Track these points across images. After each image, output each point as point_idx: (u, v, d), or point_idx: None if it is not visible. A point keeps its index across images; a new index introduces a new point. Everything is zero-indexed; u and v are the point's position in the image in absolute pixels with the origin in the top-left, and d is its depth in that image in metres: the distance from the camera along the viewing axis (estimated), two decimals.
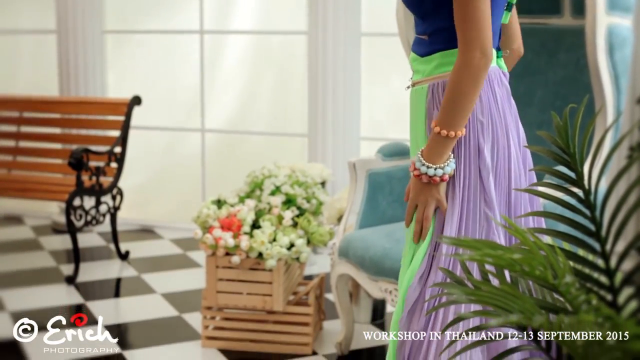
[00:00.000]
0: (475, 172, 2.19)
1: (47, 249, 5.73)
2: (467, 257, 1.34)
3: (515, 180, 2.23)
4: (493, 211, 2.17)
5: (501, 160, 2.21)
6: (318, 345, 4.07)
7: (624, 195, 1.49)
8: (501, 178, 2.22)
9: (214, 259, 3.94)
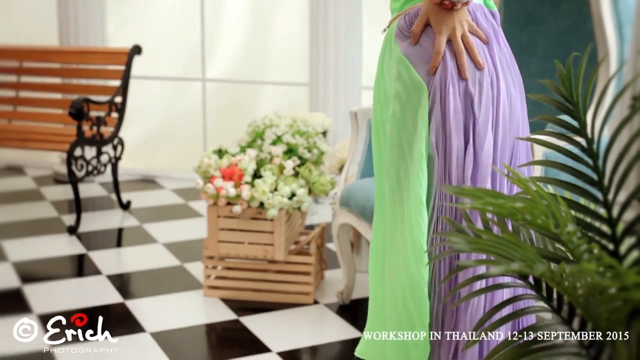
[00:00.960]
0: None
1: (49, 199, 5.74)
2: (469, 206, 1.33)
3: (503, 124, 2.18)
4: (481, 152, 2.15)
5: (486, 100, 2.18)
6: (319, 294, 4.09)
7: (626, 145, 1.48)
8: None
9: (216, 209, 3.94)
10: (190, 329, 3.75)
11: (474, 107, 2.13)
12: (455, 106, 2.15)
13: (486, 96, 2.14)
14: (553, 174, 3.00)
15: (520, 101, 2.25)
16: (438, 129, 2.16)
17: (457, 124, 2.15)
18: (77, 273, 4.49)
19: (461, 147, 2.15)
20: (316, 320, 3.83)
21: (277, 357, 3.47)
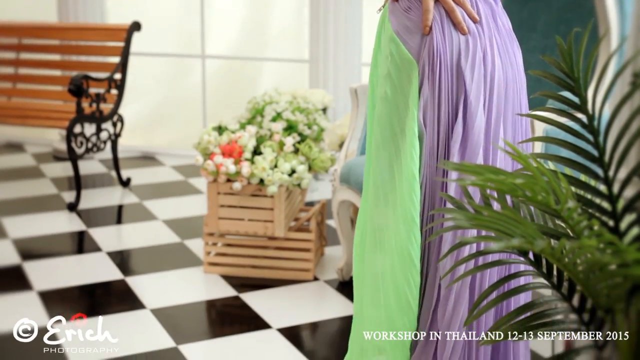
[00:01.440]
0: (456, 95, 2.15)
1: (49, 176, 5.73)
2: (470, 183, 1.33)
3: (497, 102, 2.16)
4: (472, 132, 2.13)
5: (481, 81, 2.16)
6: (319, 271, 4.09)
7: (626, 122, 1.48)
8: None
9: (215, 186, 3.94)
10: (190, 305, 3.75)
11: (465, 81, 2.12)
12: (445, 80, 2.13)
13: (478, 71, 2.12)
14: (554, 150, 2.99)
15: (519, 85, 2.22)
16: (427, 104, 2.15)
17: (446, 98, 2.14)
18: (77, 250, 4.49)
19: (450, 122, 2.14)
20: (316, 297, 3.84)
21: (277, 333, 3.47)
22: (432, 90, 2.14)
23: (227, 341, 3.44)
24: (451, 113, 2.14)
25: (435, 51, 2.14)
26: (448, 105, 2.14)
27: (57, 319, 2.59)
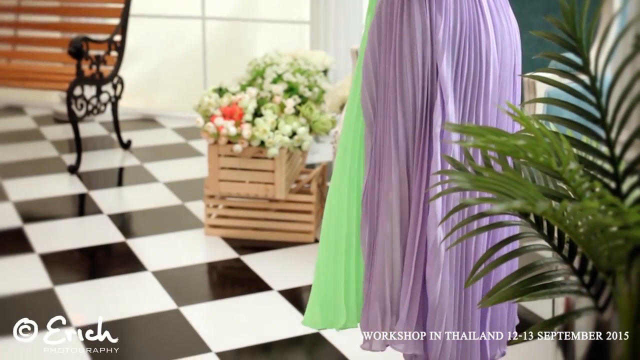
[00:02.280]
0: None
1: (49, 139, 5.72)
2: (471, 144, 1.32)
3: (494, 73, 2.12)
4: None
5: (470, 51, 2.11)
6: (320, 233, 4.09)
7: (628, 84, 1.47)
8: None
9: (216, 148, 3.93)
10: (191, 267, 3.76)
11: (433, 36, 2.07)
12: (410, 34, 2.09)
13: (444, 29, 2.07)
14: (555, 112, 2.98)
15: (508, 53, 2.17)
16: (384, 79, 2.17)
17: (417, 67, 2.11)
18: (78, 212, 4.50)
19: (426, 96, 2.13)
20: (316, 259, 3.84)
21: (278, 295, 3.48)
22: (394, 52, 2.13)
23: (228, 303, 3.45)
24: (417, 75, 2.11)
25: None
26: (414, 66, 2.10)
27: (57, 319, 2.60)
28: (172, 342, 3.15)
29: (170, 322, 3.29)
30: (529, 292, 1.54)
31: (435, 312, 2.11)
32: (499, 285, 1.56)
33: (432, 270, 2.08)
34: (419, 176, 2.11)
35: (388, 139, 2.15)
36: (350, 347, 3.08)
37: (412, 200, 2.14)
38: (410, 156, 2.13)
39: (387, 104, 2.14)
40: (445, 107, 2.04)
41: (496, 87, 2.10)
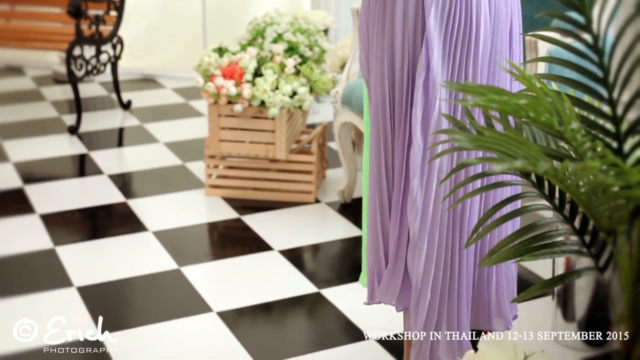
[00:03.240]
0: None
1: (49, 100, 5.70)
2: (472, 103, 1.31)
3: (485, 31, 2.09)
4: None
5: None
6: (321, 193, 4.09)
7: (630, 45, 1.45)
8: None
9: (216, 108, 3.92)
10: (192, 227, 3.77)
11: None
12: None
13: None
14: (557, 71, 2.96)
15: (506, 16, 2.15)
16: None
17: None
18: (78, 173, 4.50)
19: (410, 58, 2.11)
20: (318, 219, 3.85)
21: (279, 255, 3.49)
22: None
23: (229, 263, 3.46)
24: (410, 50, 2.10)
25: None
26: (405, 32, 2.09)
27: (57, 319, 2.61)
28: (173, 302, 3.16)
29: (171, 282, 3.30)
30: (530, 251, 1.54)
31: (415, 250, 2.12)
32: (500, 244, 1.56)
33: (411, 215, 2.10)
34: (402, 127, 2.12)
35: (376, 91, 2.15)
36: (350, 305, 3.09)
37: (395, 152, 2.15)
38: (395, 108, 2.13)
39: (376, 59, 2.14)
40: (430, 60, 2.04)
41: (487, 45, 2.09)
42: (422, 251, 2.12)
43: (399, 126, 2.13)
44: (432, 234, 2.12)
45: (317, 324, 3.09)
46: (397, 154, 2.15)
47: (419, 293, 2.14)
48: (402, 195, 2.14)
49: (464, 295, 2.19)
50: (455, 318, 2.19)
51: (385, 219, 2.20)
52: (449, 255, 2.15)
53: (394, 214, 2.17)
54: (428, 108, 2.06)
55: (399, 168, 2.14)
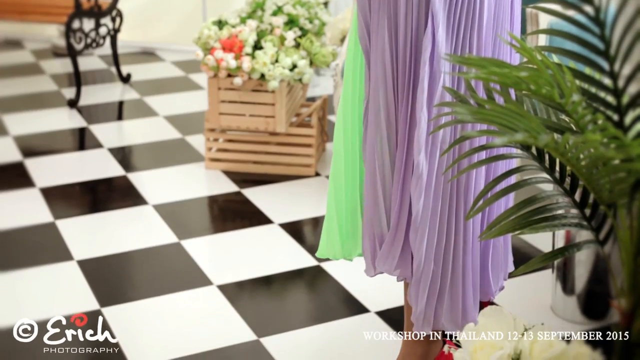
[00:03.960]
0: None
1: (48, 73, 5.69)
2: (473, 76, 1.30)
3: (489, 4, 2.08)
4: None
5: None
6: (321, 166, 4.09)
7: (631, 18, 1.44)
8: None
9: (216, 81, 3.91)
10: (192, 201, 3.77)
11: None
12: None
13: None
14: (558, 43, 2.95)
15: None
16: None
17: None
18: (78, 146, 4.49)
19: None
20: (317, 192, 3.84)
21: (279, 229, 3.49)
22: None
23: (229, 236, 3.46)
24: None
25: None
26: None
27: (57, 319, 2.61)
28: (173, 276, 3.17)
29: (171, 255, 3.31)
30: (530, 224, 1.53)
31: (417, 228, 2.11)
32: (500, 217, 1.56)
33: (415, 191, 2.09)
34: (405, 101, 2.11)
35: (377, 64, 2.14)
36: (350, 278, 3.10)
37: (398, 125, 2.14)
38: (398, 81, 2.12)
39: (378, 33, 2.13)
40: (436, 33, 2.02)
41: (491, 19, 2.08)
42: (425, 227, 2.11)
43: (401, 100, 2.12)
44: (435, 208, 2.12)
45: (317, 297, 3.09)
46: (400, 128, 2.14)
47: (422, 266, 2.14)
48: (404, 168, 2.14)
49: (469, 266, 2.19)
50: (459, 289, 2.19)
51: (387, 192, 2.19)
52: (451, 227, 2.15)
53: (395, 186, 2.16)
54: (433, 82, 2.05)
55: (401, 142, 2.14)
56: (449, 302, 2.20)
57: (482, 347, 1.53)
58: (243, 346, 2.74)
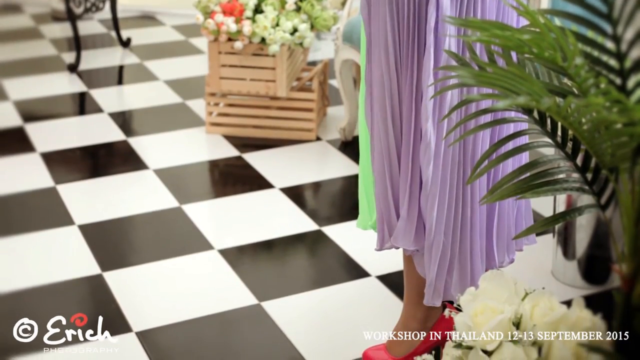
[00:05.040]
0: None
1: (48, 38, 5.66)
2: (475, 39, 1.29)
3: None
4: None
5: None
6: (322, 131, 4.08)
7: None
8: None
9: (217, 45, 3.89)
10: (193, 165, 3.76)
11: None
12: None
13: None
14: (561, 6, 2.93)
15: None
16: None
17: None
18: (78, 111, 4.48)
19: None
20: (318, 157, 3.84)
21: (280, 193, 3.49)
22: None
23: (230, 201, 3.46)
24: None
25: None
26: None
27: (57, 319, 2.60)
28: (174, 240, 3.17)
29: (172, 220, 3.31)
30: (532, 189, 1.53)
31: (428, 195, 2.11)
32: (501, 182, 1.55)
33: (425, 159, 2.08)
34: (409, 71, 2.09)
35: (378, 33, 2.12)
36: (351, 243, 3.10)
37: (403, 95, 2.12)
38: (402, 51, 2.10)
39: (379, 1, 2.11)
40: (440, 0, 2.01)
41: None
42: (435, 194, 2.11)
43: (405, 69, 2.10)
44: (444, 176, 2.11)
45: (318, 261, 3.10)
46: (405, 97, 2.12)
47: (433, 235, 2.14)
48: (412, 139, 2.12)
49: (477, 234, 2.18)
50: (467, 258, 2.19)
51: (393, 164, 2.18)
52: (459, 195, 2.15)
53: (404, 159, 2.15)
54: (439, 50, 2.04)
55: (407, 112, 2.12)
56: (458, 272, 2.20)
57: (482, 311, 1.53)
58: (244, 310, 2.75)
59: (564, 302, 1.55)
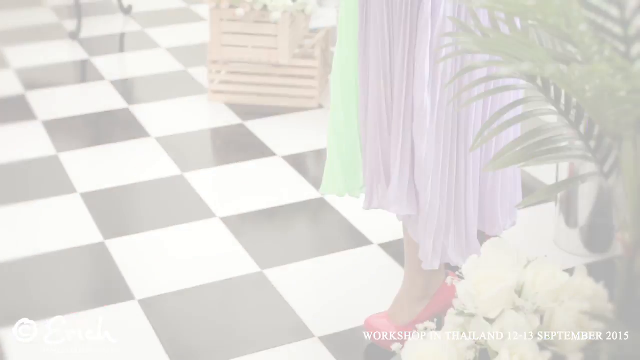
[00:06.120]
0: None
1: (49, 5, 5.62)
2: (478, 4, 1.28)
3: None
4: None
5: None
6: (324, 98, 4.07)
7: None
8: None
9: (218, 12, 3.87)
10: (195, 133, 3.76)
11: None
12: None
13: None
14: None
15: None
16: None
17: None
18: (80, 79, 4.46)
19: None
20: (321, 124, 3.83)
21: (282, 161, 3.49)
22: None
23: (232, 169, 3.46)
24: None
25: None
26: None
27: (57, 319, 2.58)
28: (176, 208, 3.17)
29: (174, 188, 3.31)
30: (535, 156, 1.52)
31: (423, 169, 2.11)
32: (504, 149, 1.54)
33: (419, 129, 2.08)
34: (403, 37, 2.07)
35: None
36: (353, 211, 3.10)
37: (395, 61, 2.11)
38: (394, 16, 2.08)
39: None
40: None
41: None
42: (431, 161, 2.10)
43: (398, 32, 2.08)
44: (438, 141, 2.11)
45: (320, 229, 3.10)
46: (397, 65, 2.11)
47: (428, 203, 2.14)
48: (404, 103, 2.11)
49: (471, 199, 2.19)
50: (463, 222, 2.20)
51: (383, 127, 2.18)
52: (454, 161, 2.15)
53: (396, 122, 2.14)
54: (436, 12, 2.02)
55: (399, 80, 2.11)
56: (454, 236, 2.21)
57: (485, 279, 1.53)
58: (246, 278, 2.76)
59: (567, 270, 1.55)
